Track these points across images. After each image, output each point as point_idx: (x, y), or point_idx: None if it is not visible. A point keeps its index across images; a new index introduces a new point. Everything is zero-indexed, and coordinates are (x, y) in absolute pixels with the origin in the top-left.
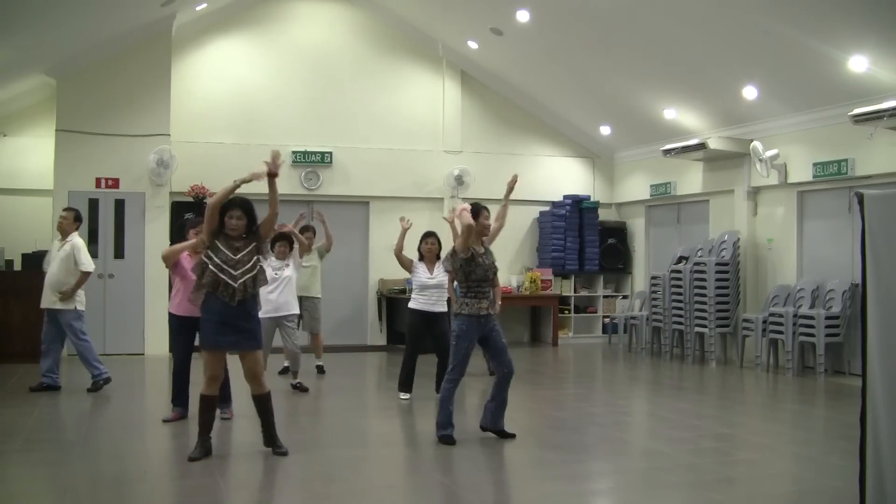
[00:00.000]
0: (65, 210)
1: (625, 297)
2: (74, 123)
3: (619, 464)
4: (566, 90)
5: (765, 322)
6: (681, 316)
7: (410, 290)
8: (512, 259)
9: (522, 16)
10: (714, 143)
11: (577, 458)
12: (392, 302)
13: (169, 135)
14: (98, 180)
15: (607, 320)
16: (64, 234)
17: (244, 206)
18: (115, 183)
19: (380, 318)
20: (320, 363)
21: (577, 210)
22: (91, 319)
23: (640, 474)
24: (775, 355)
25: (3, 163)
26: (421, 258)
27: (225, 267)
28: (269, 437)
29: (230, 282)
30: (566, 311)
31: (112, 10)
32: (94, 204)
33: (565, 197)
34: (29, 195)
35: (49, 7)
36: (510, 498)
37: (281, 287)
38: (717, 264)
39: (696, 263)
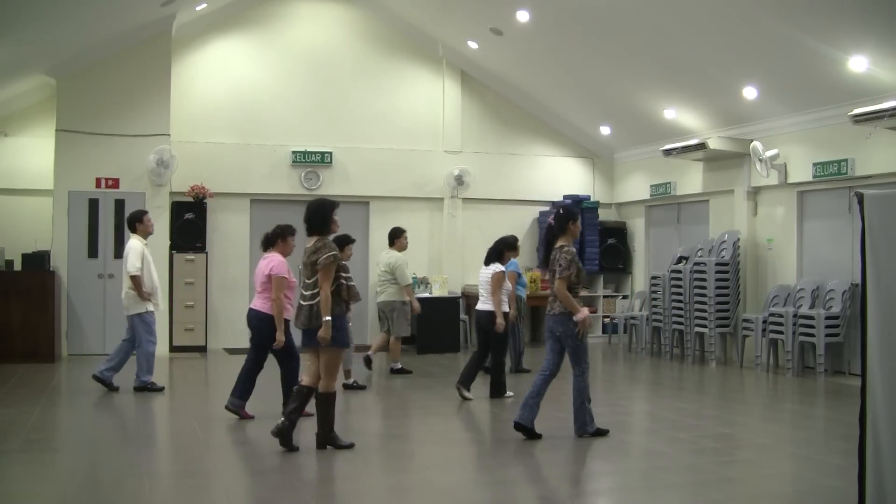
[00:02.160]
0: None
1: (625, 297)
2: (74, 123)
3: (619, 464)
4: (566, 90)
5: (765, 322)
6: (681, 316)
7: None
8: None
9: (522, 16)
10: (714, 143)
11: (578, 458)
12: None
13: (169, 135)
14: (98, 180)
15: (607, 320)
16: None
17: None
18: (115, 183)
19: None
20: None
21: (577, 210)
22: (91, 319)
23: (640, 474)
24: (775, 355)
25: (3, 163)
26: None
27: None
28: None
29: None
30: None
31: (112, 10)
32: (94, 204)
33: (565, 197)
34: (29, 195)
35: (49, 7)
36: (510, 498)
37: None
38: (717, 264)
39: (696, 263)
